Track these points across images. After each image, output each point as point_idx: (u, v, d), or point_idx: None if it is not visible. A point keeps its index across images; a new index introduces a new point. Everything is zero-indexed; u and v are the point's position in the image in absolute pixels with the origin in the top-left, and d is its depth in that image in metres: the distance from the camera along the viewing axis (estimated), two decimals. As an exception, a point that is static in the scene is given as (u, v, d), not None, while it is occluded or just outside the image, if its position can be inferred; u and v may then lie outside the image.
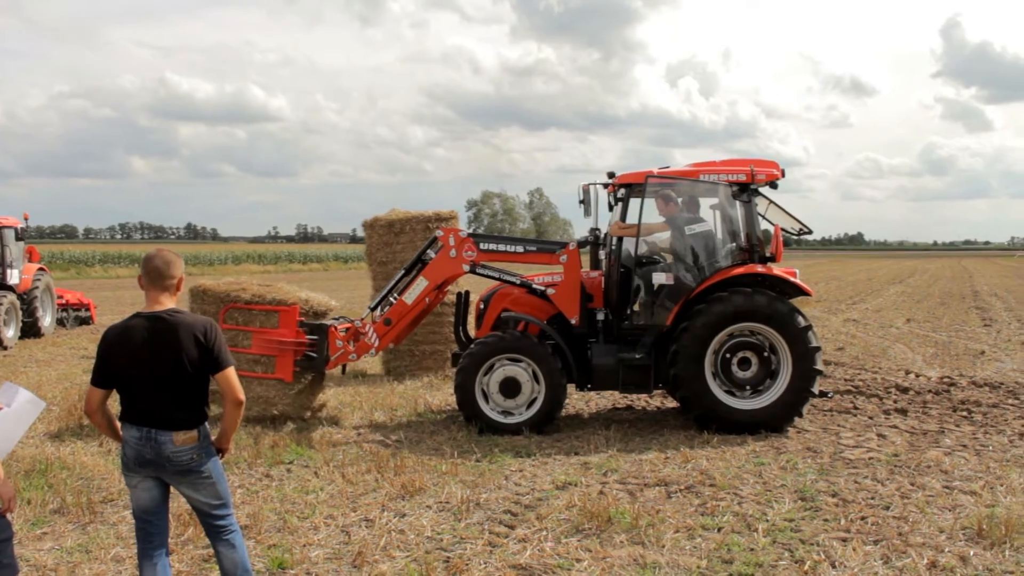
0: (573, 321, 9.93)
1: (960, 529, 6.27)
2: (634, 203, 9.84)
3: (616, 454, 8.47)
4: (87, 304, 23.07)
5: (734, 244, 9.83)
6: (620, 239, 9.94)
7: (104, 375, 4.54)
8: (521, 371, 9.51)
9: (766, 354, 9.41)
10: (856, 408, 10.80)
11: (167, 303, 4.56)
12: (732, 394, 9.46)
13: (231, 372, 4.59)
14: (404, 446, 8.90)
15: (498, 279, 10.31)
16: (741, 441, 8.95)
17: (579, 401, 11.41)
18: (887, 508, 6.77)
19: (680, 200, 9.91)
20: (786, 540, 6.10)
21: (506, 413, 9.56)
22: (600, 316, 10.01)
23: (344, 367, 10.81)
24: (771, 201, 10.19)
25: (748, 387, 9.45)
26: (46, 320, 20.21)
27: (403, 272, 10.35)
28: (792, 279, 9.67)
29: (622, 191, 10.07)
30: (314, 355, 9.88)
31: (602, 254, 10.44)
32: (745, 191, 9.73)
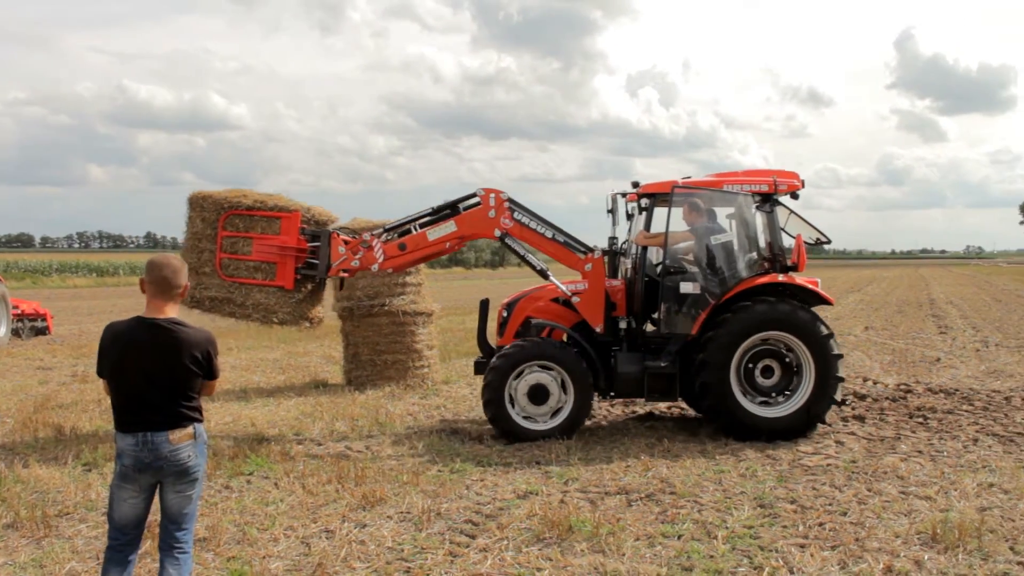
0: (598, 329, 9.99)
1: (915, 534, 6.35)
2: (658, 212, 9.98)
3: (577, 463, 8.49)
4: (44, 314, 22.77)
5: (757, 254, 9.97)
6: (644, 248, 10.04)
7: (103, 367, 4.67)
8: (550, 378, 9.55)
9: (788, 361, 9.54)
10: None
11: (169, 312, 4.62)
12: (755, 402, 9.57)
13: (216, 381, 4.84)
14: (365, 456, 8.86)
15: (522, 257, 10.29)
16: (701, 449, 9.02)
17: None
18: (844, 514, 6.84)
19: (704, 210, 10.00)
20: (745, 547, 6.15)
21: (530, 419, 9.58)
22: (623, 324, 10.06)
23: (341, 282, 10.74)
24: (791, 211, 10.30)
25: (771, 395, 9.58)
26: (1, 330, 19.92)
27: (430, 211, 10.14)
28: (814, 288, 9.82)
29: (645, 201, 10.15)
30: (315, 262, 9.79)
31: (621, 262, 10.45)
32: (768, 201, 9.86)
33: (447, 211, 10.10)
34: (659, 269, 10.13)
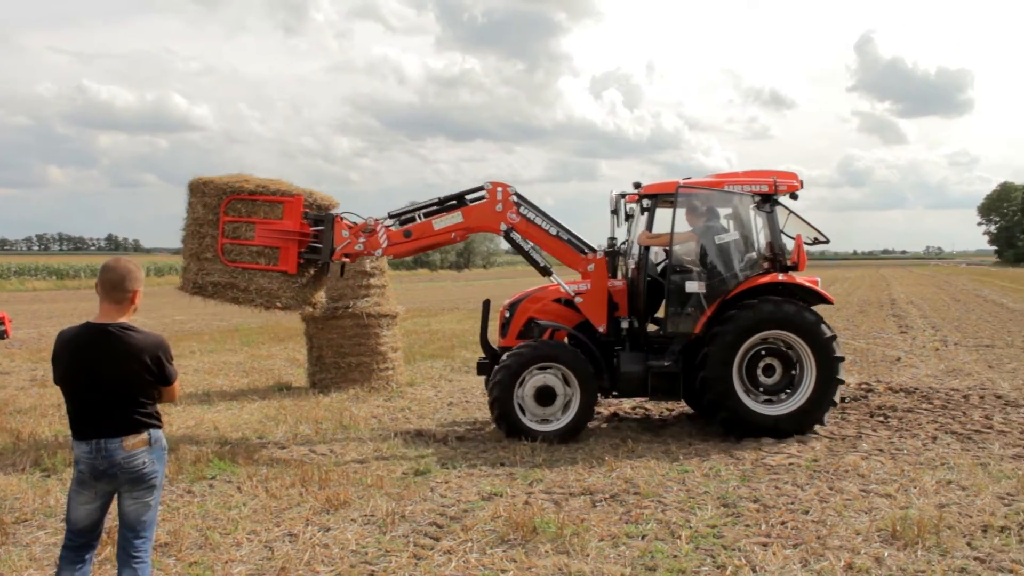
0: (601, 329, 10.09)
1: (875, 531, 6.43)
2: (660, 213, 10.09)
3: (542, 464, 8.50)
4: (1, 318, 22.43)
5: (758, 253, 10.06)
6: (646, 248, 10.12)
7: (56, 374, 4.60)
8: (555, 379, 9.59)
9: (790, 360, 9.65)
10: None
11: (118, 317, 4.55)
12: (756, 400, 9.66)
13: (176, 385, 4.76)
14: (329, 459, 8.82)
15: (525, 253, 10.27)
16: (665, 449, 9.07)
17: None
18: (806, 512, 6.90)
19: (707, 210, 10.09)
20: (708, 546, 6.18)
21: (536, 419, 9.63)
22: (625, 324, 10.15)
23: (342, 268, 10.66)
24: (791, 211, 10.40)
25: (772, 393, 9.68)
26: (-42, 335, 19.60)
27: (436, 200, 10.17)
28: (815, 288, 9.92)
29: (647, 201, 10.25)
30: (318, 246, 9.78)
31: (622, 262, 10.50)
32: (768, 201, 9.97)
33: (453, 202, 10.13)
34: (661, 269, 10.22)
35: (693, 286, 9.73)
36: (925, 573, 5.66)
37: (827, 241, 10.74)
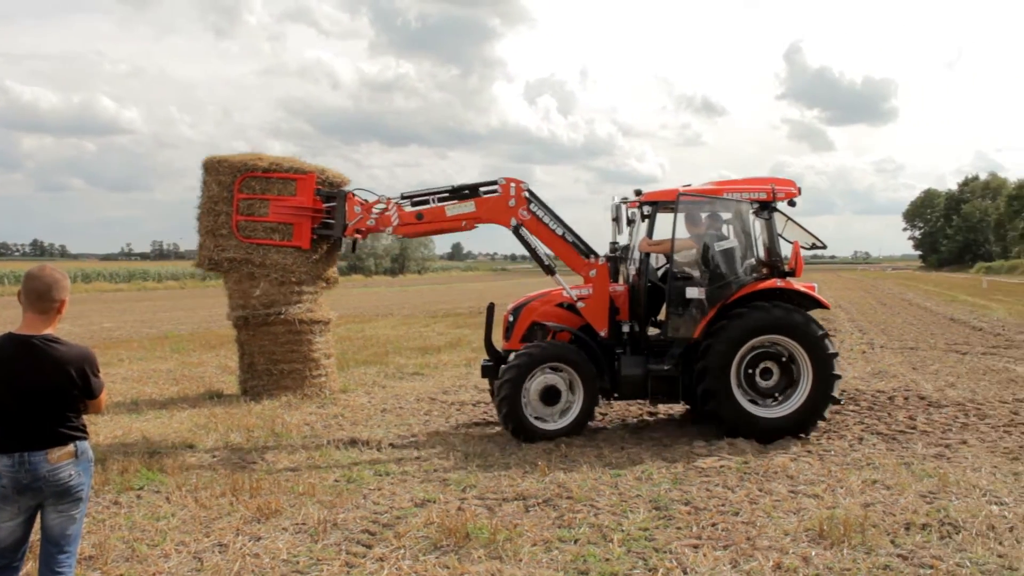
0: (602, 333, 10.26)
1: (803, 531, 6.54)
2: (660, 219, 10.23)
3: (475, 470, 8.50)
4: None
5: (757, 259, 10.23)
6: (647, 254, 10.29)
7: None
8: (560, 379, 9.80)
9: (786, 362, 9.81)
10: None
11: (43, 328, 4.43)
12: (756, 403, 9.81)
13: (102, 396, 4.63)
14: (260, 468, 8.71)
15: (532, 250, 10.51)
16: (598, 454, 9.11)
17: (438, 417, 11.41)
18: (736, 514, 7.00)
19: (706, 217, 10.31)
20: (640, 549, 6.23)
21: (540, 419, 9.82)
22: (626, 328, 10.34)
23: (354, 244, 10.70)
24: (788, 218, 10.59)
25: (771, 396, 9.84)
26: None
27: (449, 187, 10.36)
28: (811, 293, 10.11)
29: (648, 208, 10.42)
30: (331, 222, 9.84)
31: (623, 268, 10.75)
32: (766, 208, 10.13)
33: (466, 192, 10.30)
34: (661, 274, 10.41)
35: (692, 292, 9.97)
36: (851, 571, 5.77)
37: (824, 247, 11.15)
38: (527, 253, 10.65)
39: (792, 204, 10.34)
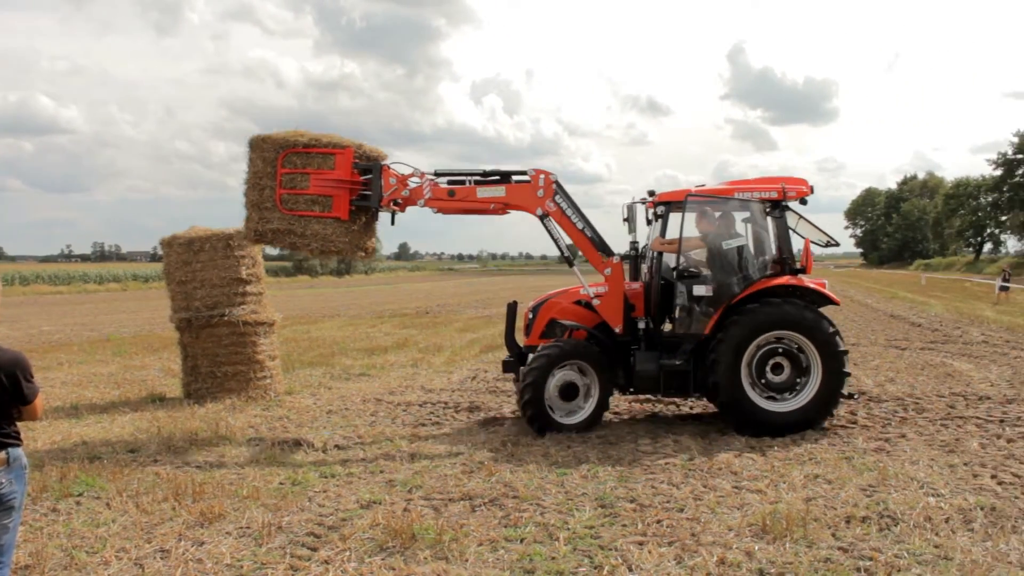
0: (617, 330, 10.55)
1: (747, 526, 6.61)
2: (673, 219, 10.44)
3: (421, 470, 8.47)
4: None
5: (767, 257, 10.38)
6: (660, 253, 10.56)
7: None
8: (578, 376, 10.18)
9: (797, 358, 9.97)
10: (655, 415, 11.25)
11: None
12: (767, 398, 9.97)
13: (38, 401, 4.52)
14: (204, 471, 8.60)
15: (555, 240, 10.70)
16: (544, 452, 9.13)
17: (385, 418, 11.36)
18: (681, 510, 7.06)
19: (717, 216, 10.53)
20: (586, 547, 6.26)
21: (559, 413, 10.17)
22: (641, 325, 10.61)
23: (392, 216, 10.86)
24: (800, 216, 10.74)
25: (781, 391, 9.99)
26: None
27: (481, 171, 10.67)
28: (822, 290, 10.29)
29: (661, 208, 10.72)
30: (368, 193, 10.36)
31: (642, 266, 11.00)
32: (777, 207, 10.29)
33: (497, 177, 10.61)
34: (672, 272, 10.53)
35: (702, 289, 10.23)
36: (792, 565, 5.85)
37: (837, 244, 11.36)
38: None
39: (803, 203, 10.58)
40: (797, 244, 10.48)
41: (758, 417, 9.90)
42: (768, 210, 10.39)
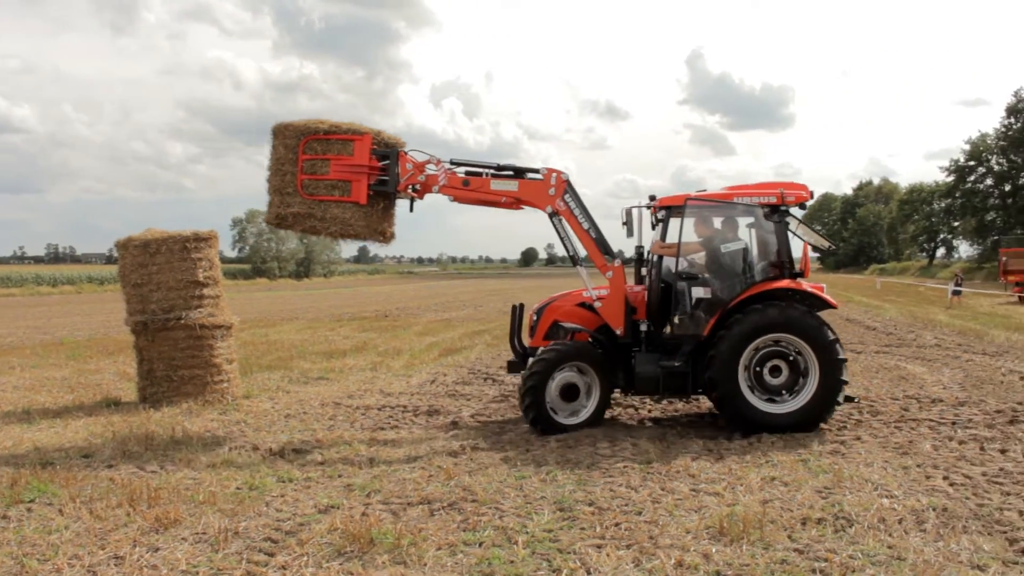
0: (618, 332, 10.76)
1: (704, 528, 6.66)
2: (674, 223, 10.64)
3: (380, 474, 8.44)
4: None
5: (766, 261, 10.57)
6: (660, 256, 10.78)
7: None
8: (579, 377, 10.41)
9: (794, 362, 10.11)
10: (614, 419, 11.29)
11: None
12: (763, 399, 10.14)
13: None
14: (159, 476, 8.50)
15: (562, 238, 10.87)
16: (503, 456, 9.13)
17: (343, 422, 11.31)
18: (639, 513, 7.09)
19: (716, 221, 10.79)
20: (545, 550, 6.26)
21: (560, 414, 10.40)
22: (644, 327, 10.78)
23: (411, 203, 11.11)
24: (800, 221, 10.83)
25: (777, 393, 10.12)
26: None
27: (495, 165, 10.91)
28: (820, 294, 10.43)
29: (662, 213, 10.88)
30: (386, 178, 10.63)
31: (644, 270, 11.19)
32: (776, 212, 10.43)
33: (511, 172, 10.87)
34: (671, 275, 10.71)
35: (698, 291, 10.43)
36: (749, 566, 5.90)
37: (837, 248, 11.57)
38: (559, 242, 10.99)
39: (803, 208, 10.74)
40: (797, 249, 10.74)
41: (752, 415, 10.06)
42: (767, 215, 10.53)
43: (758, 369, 10.13)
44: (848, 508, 7.07)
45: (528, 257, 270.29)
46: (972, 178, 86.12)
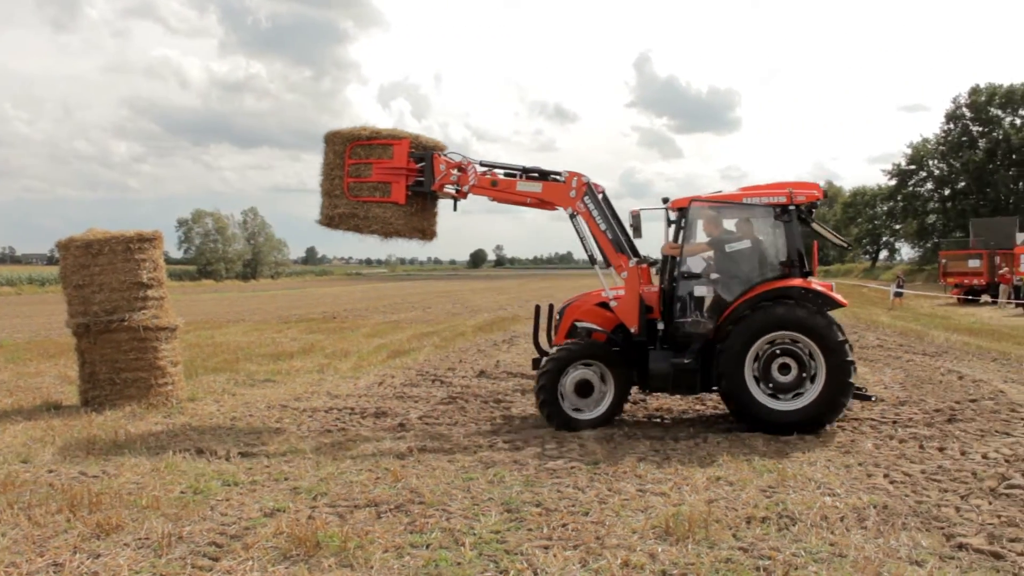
0: (633, 330, 11.02)
1: (651, 528, 6.71)
2: (690, 224, 10.88)
3: (327, 477, 8.39)
4: None
5: (775, 260, 10.75)
6: (673, 256, 11.00)
7: None
8: (593, 374, 10.74)
9: (803, 361, 10.20)
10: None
11: None
12: (770, 395, 10.26)
13: None
14: (101, 481, 8.36)
15: (581, 239, 11.34)
16: (451, 458, 9.13)
17: (290, 425, 11.21)
18: (586, 514, 7.12)
19: (725, 221, 11.06)
20: (492, 552, 6.27)
21: (576, 410, 10.75)
22: (660, 326, 10.97)
23: (455, 203, 11.80)
24: (813, 221, 11.01)
25: (785, 391, 10.25)
26: None
27: (521, 168, 11.50)
28: (828, 292, 10.56)
29: (673, 214, 11.14)
30: (422, 179, 11.29)
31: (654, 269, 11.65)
32: (785, 212, 10.53)
33: (536, 175, 11.44)
34: (681, 275, 10.87)
35: (706, 290, 10.76)
36: (695, 565, 5.95)
37: (848, 247, 11.81)
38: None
39: (813, 207, 10.91)
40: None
41: (758, 413, 10.19)
42: (777, 215, 10.65)
43: (766, 367, 10.26)
44: (791, 507, 7.17)
45: (477, 259, 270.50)
46: (913, 182, 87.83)
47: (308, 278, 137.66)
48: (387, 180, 11.32)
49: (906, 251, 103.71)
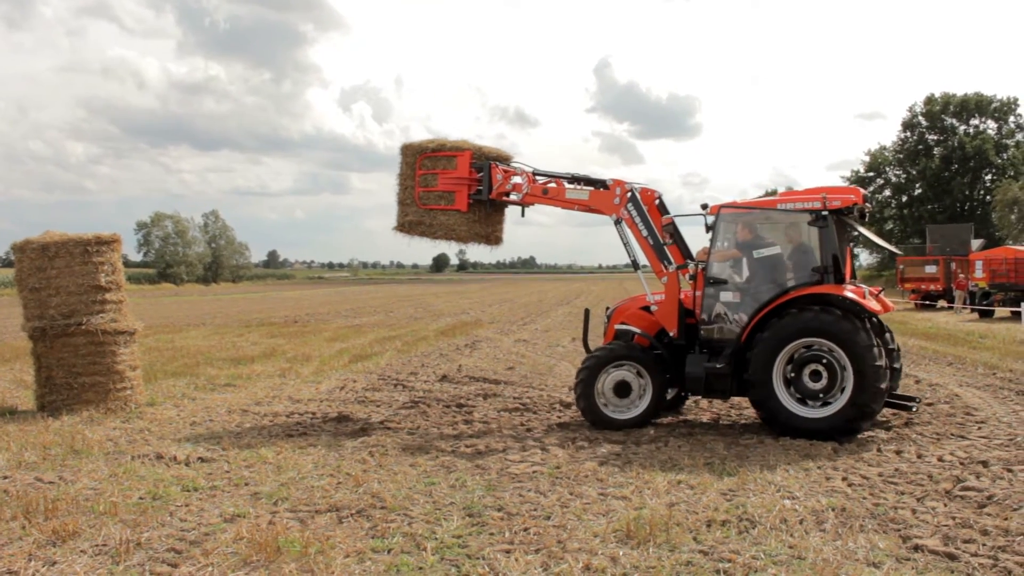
0: (672, 334, 11.32)
1: (612, 532, 6.73)
2: (721, 229, 11.07)
3: (288, 482, 8.33)
4: None
5: (807, 266, 10.68)
6: (706, 262, 11.15)
7: None
8: (631, 375, 11.01)
9: (829, 365, 10.10)
10: (524, 425, 11.35)
11: None
12: (799, 401, 10.24)
13: None
14: (57, 487, 8.24)
15: (625, 244, 11.73)
16: (413, 463, 9.10)
17: (251, 429, 11.13)
18: (548, 518, 7.13)
19: (756, 227, 11.20)
20: (454, 556, 6.26)
21: (614, 409, 11.04)
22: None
23: (522, 209, 12.67)
24: (855, 226, 11.08)
25: (814, 397, 10.18)
26: None
27: (569, 175, 12.18)
28: (858, 299, 10.33)
29: (711, 219, 11.16)
30: (482, 188, 11.99)
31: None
32: (820, 218, 10.46)
33: (583, 183, 12.07)
34: (713, 279, 11.01)
35: (735, 296, 10.87)
36: (655, 569, 5.98)
37: (900, 254, 11.82)
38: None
39: (849, 211, 10.84)
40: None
41: (787, 419, 10.20)
42: (811, 220, 10.58)
43: (795, 373, 10.23)
44: (751, 510, 7.22)
45: (440, 263, 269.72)
46: (871, 189, 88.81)
47: (270, 282, 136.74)
48: (451, 189, 12.01)
49: (864, 257, 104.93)
